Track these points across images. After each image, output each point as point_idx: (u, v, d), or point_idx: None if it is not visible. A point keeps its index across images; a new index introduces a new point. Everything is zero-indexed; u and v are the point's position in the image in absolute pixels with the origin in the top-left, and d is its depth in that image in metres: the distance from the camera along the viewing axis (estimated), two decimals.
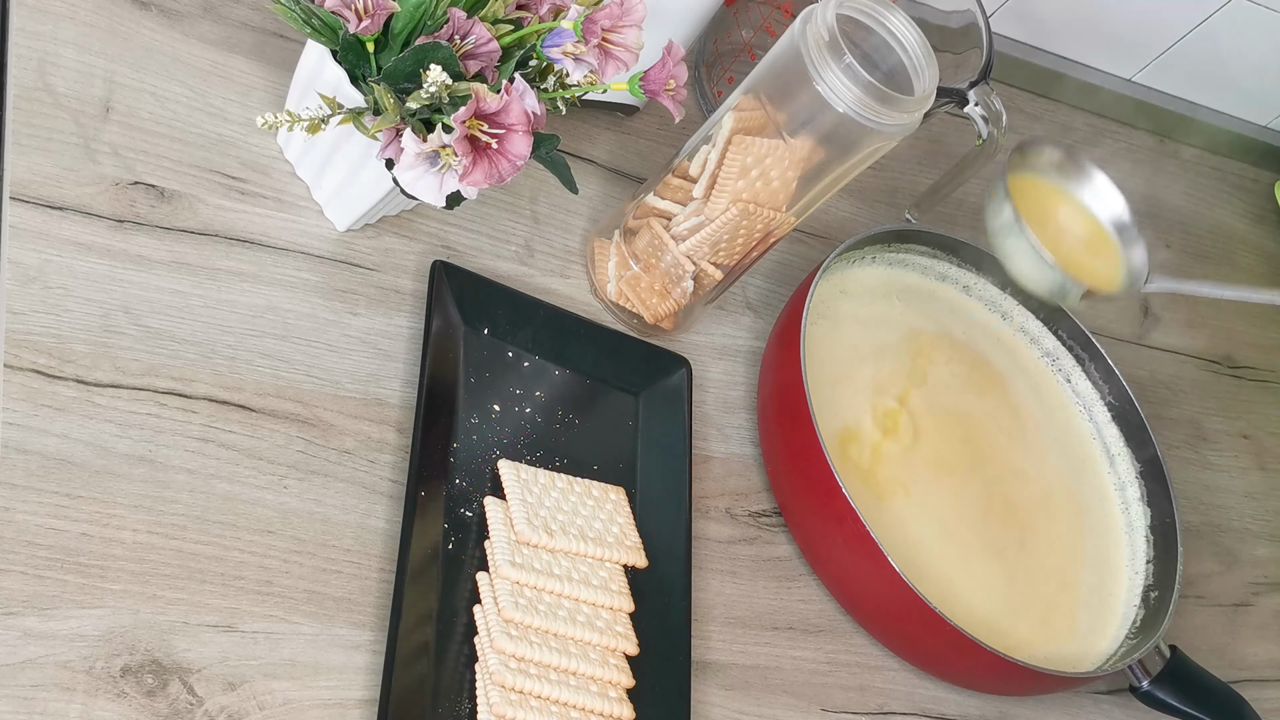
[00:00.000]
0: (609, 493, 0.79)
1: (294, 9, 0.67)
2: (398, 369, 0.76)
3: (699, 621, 0.78)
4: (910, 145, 1.08)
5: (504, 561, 0.72)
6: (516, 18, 0.69)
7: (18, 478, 0.63)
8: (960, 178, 0.94)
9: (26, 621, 0.61)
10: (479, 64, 0.67)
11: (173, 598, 0.64)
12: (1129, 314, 1.15)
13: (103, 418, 0.66)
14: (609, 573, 0.75)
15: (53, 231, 0.69)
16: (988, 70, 0.86)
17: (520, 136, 0.63)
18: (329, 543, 0.70)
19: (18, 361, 0.65)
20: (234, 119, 0.77)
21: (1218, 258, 1.26)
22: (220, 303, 0.72)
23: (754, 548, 0.84)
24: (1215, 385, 1.16)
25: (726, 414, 0.88)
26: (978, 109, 0.85)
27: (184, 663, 0.63)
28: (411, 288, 0.79)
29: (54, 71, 0.73)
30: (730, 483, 0.85)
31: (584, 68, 0.66)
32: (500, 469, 0.76)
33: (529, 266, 0.85)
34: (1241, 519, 1.09)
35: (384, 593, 0.70)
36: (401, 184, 0.65)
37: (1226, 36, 1.18)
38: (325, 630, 0.67)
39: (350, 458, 0.72)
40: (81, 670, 0.61)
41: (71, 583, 0.62)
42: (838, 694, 0.82)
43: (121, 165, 0.73)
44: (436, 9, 0.66)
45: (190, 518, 0.66)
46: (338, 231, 0.78)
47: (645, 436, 0.83)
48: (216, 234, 0.74)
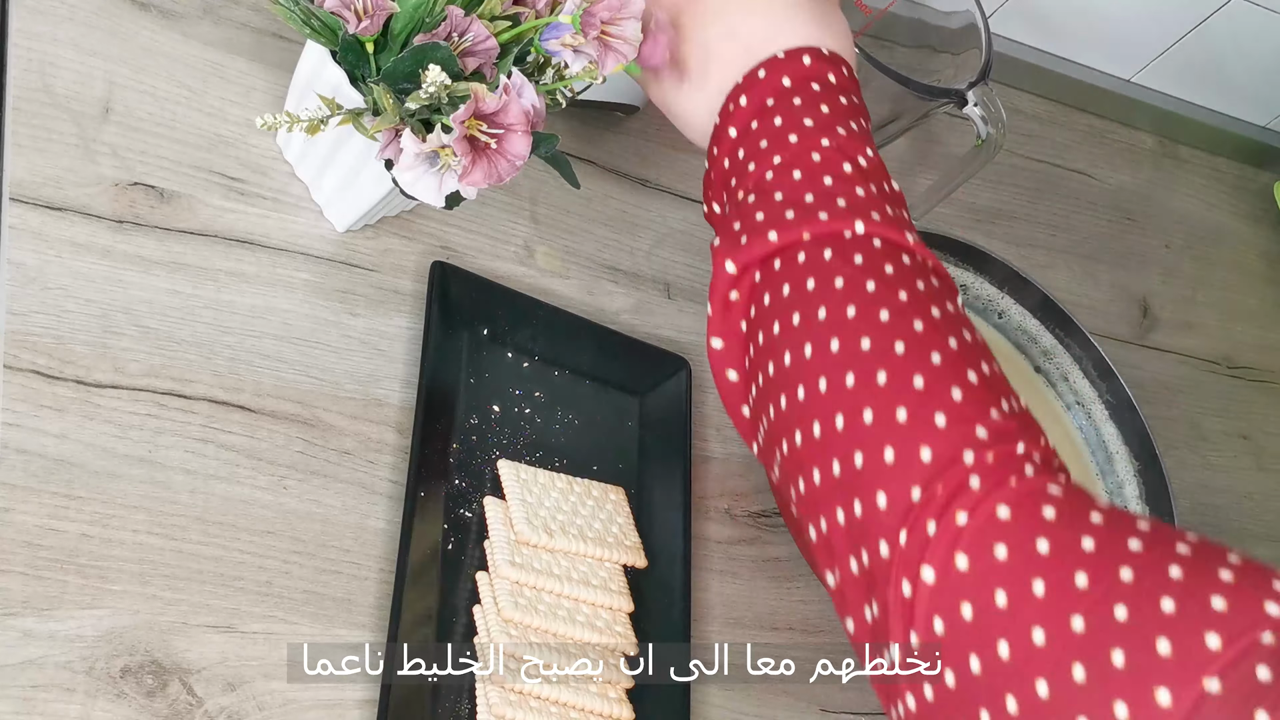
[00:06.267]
0: (609, 493, 0.79)
1: (293, 10, 0.67)
2: (397, 369, 0.76)
3: (699, 621, 0.78)
4: (910, 145, 1.08)
5: (503, 561, 0.72)
6: (514, 14, 0.69)
7: (18, 478, 0.63)
8: (959, 178, 0.94)
9: (26, 622, 0.61)
10: (477, 61, 0.67)
11: (173, 598, 0.64)
12: (1129, 314, 1.15)
13: (102, 418, 0.66)
14: (609, 573, 0.75)
15: (52, 232, 0.69)
16: (987, 70, 0.86)
17: (519, 136, 0.63)
18: (328, 543, 0.70)
19: (17, 362, 0.65)
20: (233, 120, 0.77)
21: (1217, 258, 1.26)
22: (220, 303, 0.72)
23: (754, 548, 0.84)
24: (1214, 385, 1.16)
25: (726, 414, 0.88)
26: (977, 109, 0.85)
27: (184, 663, 0.63)
28: (411, 288, 0.79)
29: (53, 72, 0.73)
30: (730, 483, 0.85)
31: (583, 59, 0.66)
32: (500, 469, 0.76)
33: (529, 267, 0.85)
34: (1240, 519, 1.09)
35: (384, 593, 0.70)
36: (401, 184, 0.65)
37: (1226, 36, 1.18)
38: (325, 631, 0.67)
39: (350, 458, 0.72)
40: (81, 671, 0.61)
41: (71, 583, 0.62)
42: (838, 694, 0.82)
43: (121, 166, 0.73)
44: (435, 7, 0.66)
45: (190, 518, 0.66)
46: (337, 232, 0.78)
47: (645, 437, 0.83)
48: (216, 235, 0.74)
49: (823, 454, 0.56)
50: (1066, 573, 0.47)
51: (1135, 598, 0.45)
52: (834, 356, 0.57)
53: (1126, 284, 1.17)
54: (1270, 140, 1.35)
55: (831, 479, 0.55)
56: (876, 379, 0.55)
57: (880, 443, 0.54)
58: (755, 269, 0.62)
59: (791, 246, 0.61)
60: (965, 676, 0.48)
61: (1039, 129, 1.20)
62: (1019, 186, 1.16)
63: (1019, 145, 1.17)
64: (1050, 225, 1.15)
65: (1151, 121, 1.28)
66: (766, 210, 0.62)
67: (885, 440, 0.53)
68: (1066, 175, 1.20)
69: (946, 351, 0.56)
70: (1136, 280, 1.18)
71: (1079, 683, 0.45)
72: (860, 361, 0.56)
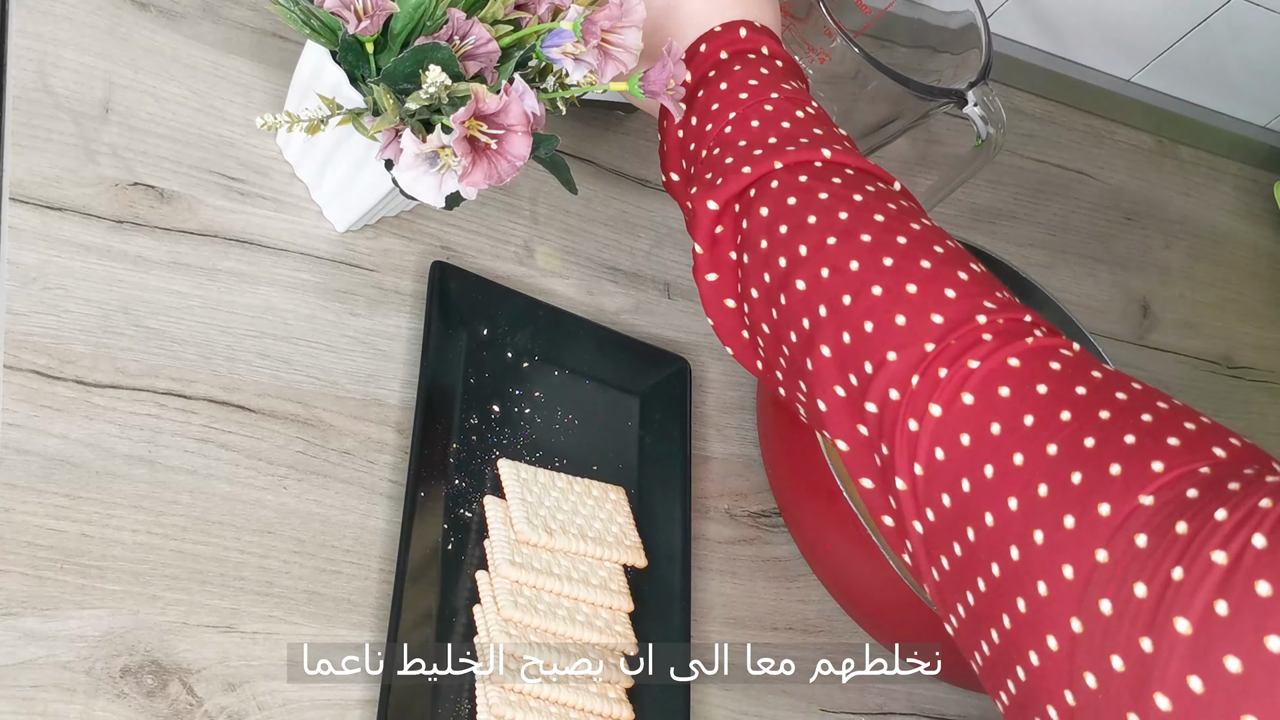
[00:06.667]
0: (609, 492, 0.79)
1: (293, 10, 0.67)
2: (397, 369, 0.76)
3: (699, 621, 0.78)
4: (910, 145, 1.08)
5: (503, 560, 0.72)
6: (515, 18, 0.69)
7: (18, 478, 0.63)
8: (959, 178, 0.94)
9: (26, 622, 0.61)
10: (478, 65, 0.67)
11: (172, 598, 0.64)
12: (1129, 314, 1.15)
13: (102, 418, 0.66)
14: (608, 572, 0.75)
15: (52, 232, 0.69)
16: (987, 70, 0.86)
17: (520, 137, 0.63)
18: (329, 543, 0.70)
19: (17, 362, 0.65)
20: (233, 120, 0.77)
21: (1217, 258, 1.26)
22: (220, 303, 0.72)
23: (754, 548, 0.84)
24: (1214, 385, 1.16)
25: (726, 414, 0.88)
26: (977, 109, 0.85)
27: (184, 663, 0.63)
28: (411, 288, 0.79)
29: (53, 72, 0.73)
30: (730, 483, 0.85)
31: (583, 68, 0.66)
32: (500, 468, 0.76)
33: (529, 267, 0.85)
34: None
35: (384, 593, 0.70)
36: (401, 184, 0.65)
37: (1226, 37, 1.18)
38: (325, 630, 0.67)
39: (350, 458, 0.72)
40: (81, 671, 0.61)
41: (71, 583, 0.62)
42: (838, 694, 0.82)
43: (121, 166, 0.73)
44: (436, 9, 0.66)
45: (190, 518, 0.66)
46: (337, 232, 0.78)
47: (645, 437, 0.83)
48: (216, 235, 0.74)
49: (833, 328, 0.59)
50: (1054, 410, 0.51)
51: (1103, 431, 0.50)
52: (833, 249, 0.60)
53: (1126, 284, 1.17)
54: (1270, 140, 1.35)
55: (841, 348, 0.58)
56: (882, 262, 0.59)
57: (891, 311, 0.57)
58: (735, 202, 0.65)
59: (766, 176, 0.64)
60: (957, 497, 0.53)
61: (1039, 129, 1.20)
62: (1019, 186, 1.16)
63: (1019, 145, 1.17)
64: (1050, 225, 1.15)
65: (1151, 121, 1.28)
66: (735, 154, 0.66)
67: (896, 309, 0.57)
68: (1066, 175, 1.20)
69: (945, 246, 0.60)
70: (1136, 280, 1.18)
71: (1041, 497, 0.49)
72: (863, 250, 0.59)
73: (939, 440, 0.54)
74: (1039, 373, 0.53)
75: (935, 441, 0.54)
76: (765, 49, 0.71)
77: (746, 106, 0.68)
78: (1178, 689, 0.42)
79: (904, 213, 0.62)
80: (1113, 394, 0.52)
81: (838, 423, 0.59)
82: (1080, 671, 0.46)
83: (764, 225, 0.63)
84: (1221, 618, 0.42)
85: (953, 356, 0.55)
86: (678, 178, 0.72)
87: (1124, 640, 0.44)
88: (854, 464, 0.59)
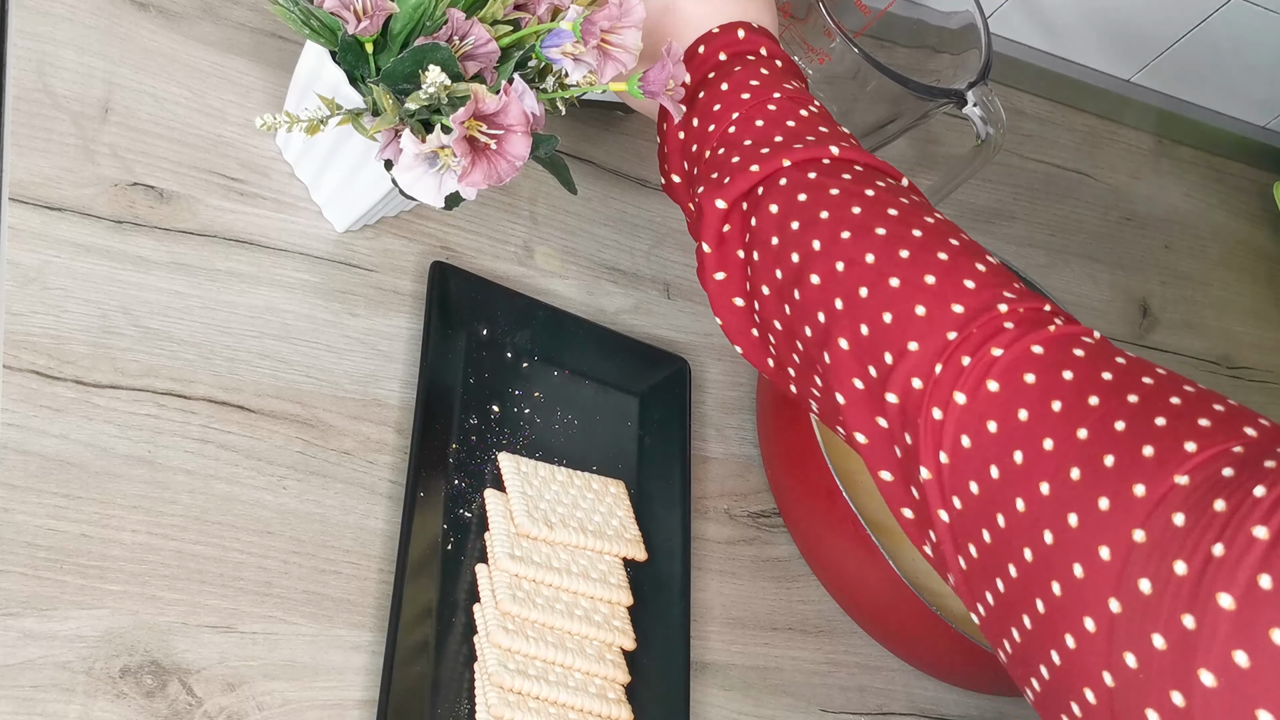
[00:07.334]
0: (609, 486, 0.79)
1: (293, 10, 0.67)
2: (397, 370, 0.76)
3: (698, 622, 0.78)
4: (910, 145, 1.08)
5: (503, 554, 0.72)
6: (515, 18, 0.69)
7: (17, 478, 0.63)
8: (959, 178, 0.94)
9: (26, 622, 0.61)
10: (478, 65, 0.67)
11: (172, 598, 0.64)
12: (1129, 314, 1.15)
13: (102, 418, 0.66)
14: (608, 566, 0.75)
15: (52, 232, 0.69)
16: (986, 70, 0.86)
17: (519, 137, 0.63)
18: (328, 543, 0.70)
19: (17, 362, 0.65)
20: (233, 120, 0.77)
21: (1217, 258, 1.26)
22: (219, 303, 0.72)
23: (753, 548, 0.84)
24: (1214, 385, 1.16)
25: (726, 414, 0.88)
26: (976, 109, 0.85)
27: (183, 663, 0.63)
28: (410, 288, 0.79)
29: (53, 73, 0.73)
30: (729, 483, 0.85)
31: (583, 68, 0.66)
32: (500, 461, 0.76)
33: (528, 267, 0.85)
34: None
35: (383, 593, 0.70)
36: (400, 185, 0.65)
37: (1225, 37, 1.18)
38: (324, 631, 0.67)
39: (349, 458, 0.72)
40: (81, 671, 0.61)
41: (71, 583, 0.62)
42: (837, 694, 0.82)
43: (120, 166, 0.73)
44: (435, 10, 0.66)
45: (189, 518, 0.66)
46: (337, 232, 0.78)
47: (644, 437, 0.83)
48: (215, 235, 0.74)
49: (850, 321, 0.59)
50: (1082, 396, 0.51)
51: (1133, 414, 0.50)
52: (847, 243, 0.60)
53: (1126, 284, 1.17)
54: (1270, 140, 1.34)
55: (860, 340, 0.58)
56: (899, 254, 0.58)
57: (910, 302, 0.57)
58: (743, 201, 0.65)
59: (775, 173, 0.64)
60: (986, 484, 0.52)
61: (1039, 129, 1.20)
62: (1019, 186, 1.16)
63: (1019, 145, 1.17)
64: (1050, 225, 1.15)
65: (1151, 121, 1.28)
66: (741, 154, 0.66)
67: (916, 300, 0.57)
68: (1066, 175, 1.20)
69: (960, 239, 0.60)
70: (1136, 280, 1.18)
71: (1074, 481, 0.49)
72: (878, 243, 0.59)
73: (965, 428, 0.54)
74: (1064, 359, 0.53)
75: (961, 429, 0.54)
76: (764, 50, 0.71)
77: (749, 106, 0.67)
78: (1223, 664, 0.42)
79: (916, 207, 0.62)
80: (1139, 378, 0.52)
81: (856, 415, 0.59)
82: (1119, 652, 0.45)
83: (775, 222, 0.63)
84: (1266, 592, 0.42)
85: (976, 345, 0.55)
86: (679, 179, 0.71)
87: (1165, 618, 0.44)
88: (872, 457, 0.59)
